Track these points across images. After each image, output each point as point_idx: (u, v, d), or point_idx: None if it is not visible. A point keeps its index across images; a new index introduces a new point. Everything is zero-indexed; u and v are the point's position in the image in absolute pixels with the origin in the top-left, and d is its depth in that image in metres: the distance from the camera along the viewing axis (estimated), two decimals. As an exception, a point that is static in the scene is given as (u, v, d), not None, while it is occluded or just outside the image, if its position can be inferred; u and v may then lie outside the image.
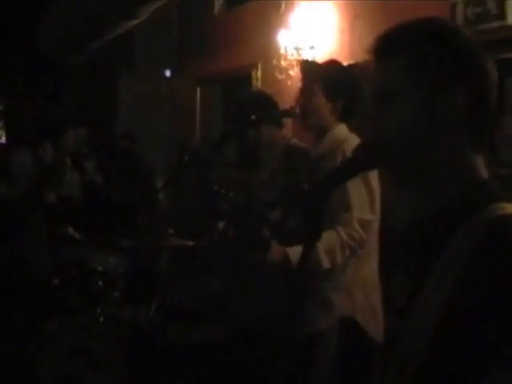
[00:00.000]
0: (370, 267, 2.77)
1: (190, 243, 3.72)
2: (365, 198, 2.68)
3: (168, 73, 7.67)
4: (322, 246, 2.56)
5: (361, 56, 4.13)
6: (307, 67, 3.04)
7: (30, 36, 6.45)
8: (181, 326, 3.81)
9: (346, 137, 2.80)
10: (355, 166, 1.21)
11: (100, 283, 3.90)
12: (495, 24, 3.80)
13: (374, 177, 2.67)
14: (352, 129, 2.87)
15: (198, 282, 3.79)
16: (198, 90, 6.94)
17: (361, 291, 2.73)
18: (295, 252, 2.60)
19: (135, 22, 5.39)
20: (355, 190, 2.63)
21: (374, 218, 2.72)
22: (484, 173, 1.13)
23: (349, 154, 2.34)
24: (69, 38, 5.96)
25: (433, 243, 1.06)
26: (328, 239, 2.57)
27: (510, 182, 3.44)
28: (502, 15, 3.75)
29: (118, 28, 5.43)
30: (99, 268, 3.94)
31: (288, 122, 4.79)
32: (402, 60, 1.12)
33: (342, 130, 2.87)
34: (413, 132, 1.11)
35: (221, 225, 4.23)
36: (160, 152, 6.96)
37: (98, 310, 3.73)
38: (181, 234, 4.82)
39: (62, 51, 6.37)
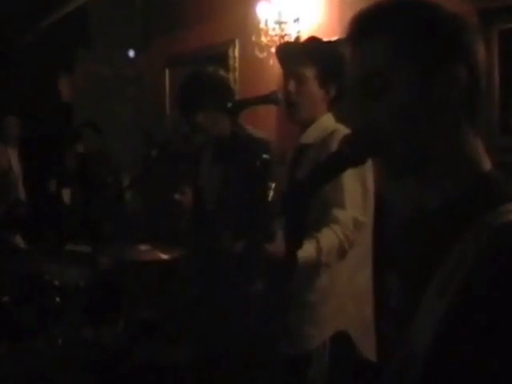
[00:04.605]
0: (364, 276, 2.70)
1: (165, 257, 3.48)
2: (360, 197, 2.61)
3: (131, 53, 7.49)
4: (324, 248, 2.48)
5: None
6: (289, 50, 2.81)
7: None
8: (149, 347, 3.71)
9: (336, 127, 2.67)
10: (342, 160, 1.16)
11: (57, 299, 3.74)
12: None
13: (370, 178, 2.60)
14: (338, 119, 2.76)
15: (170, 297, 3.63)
16: (167, 71, 6.76)
17: (353, 303, 2.65)
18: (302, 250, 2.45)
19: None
20: (351, 187, 2.56)
21: (367, 220, 2.64)
22: (487, 161, 1.09)
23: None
24: (14, 15, 5.56)
25: (434, 243, 1.05)
26: (328, 240, 2.50)
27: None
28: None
29: (69, 3, 5.06)
30: (56, 282, 3.78)
31: (271, 110, 4.51)
32: (388, 38, 1.08)
33: (330, 120, 2.75)
34: (408, 116, 1.07)
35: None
36: (125, 144, 6.72)
37: (56, 331, 3.57)
38: (152, 238, 4.59)
39: (7, 30, 6.03)
